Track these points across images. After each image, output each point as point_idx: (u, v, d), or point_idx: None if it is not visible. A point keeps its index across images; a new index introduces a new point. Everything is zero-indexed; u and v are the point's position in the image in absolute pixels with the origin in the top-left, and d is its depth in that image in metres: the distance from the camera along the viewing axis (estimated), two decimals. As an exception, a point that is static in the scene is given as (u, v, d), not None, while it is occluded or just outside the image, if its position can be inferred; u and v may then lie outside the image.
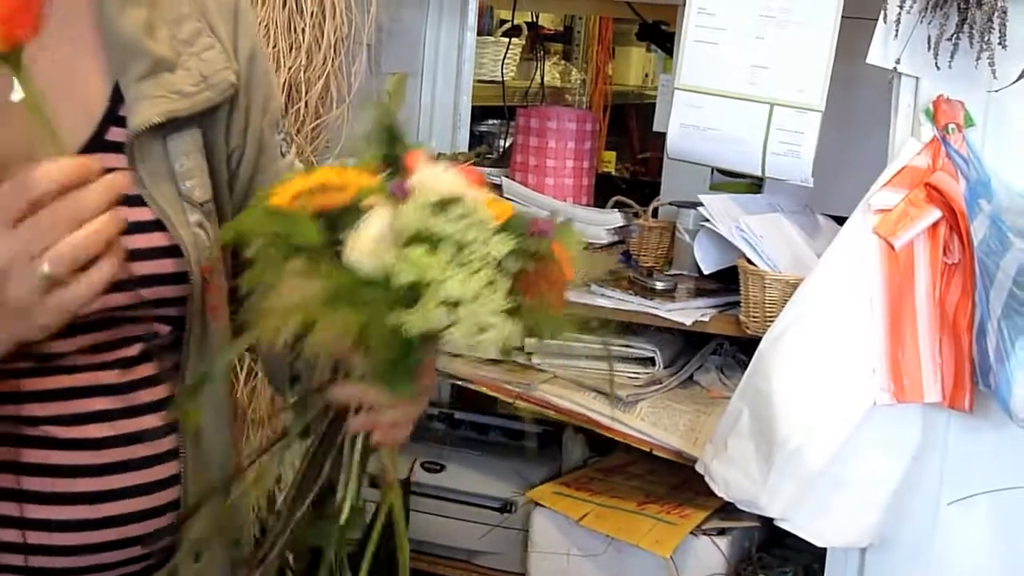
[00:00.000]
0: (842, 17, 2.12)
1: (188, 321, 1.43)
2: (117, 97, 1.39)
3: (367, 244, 1.18)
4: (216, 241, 1.45)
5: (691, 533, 2.33)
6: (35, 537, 1.35)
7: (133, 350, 1.40)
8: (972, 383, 1.95)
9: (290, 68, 2.38)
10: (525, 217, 1.25)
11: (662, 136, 2.32)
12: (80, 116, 1.37)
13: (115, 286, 1.28)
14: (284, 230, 1.19)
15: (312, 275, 1.19)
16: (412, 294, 1.16)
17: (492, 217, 1.22)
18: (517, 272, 1.21)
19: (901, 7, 1.93)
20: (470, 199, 1.22)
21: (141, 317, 1.39)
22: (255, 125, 1.53)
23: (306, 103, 2.41)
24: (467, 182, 1.26)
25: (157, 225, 1.38)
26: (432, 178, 1.23)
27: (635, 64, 5.54)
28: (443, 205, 1.20)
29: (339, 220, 1.20)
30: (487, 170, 2.98)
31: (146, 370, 1.41)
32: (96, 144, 1.37)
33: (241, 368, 2.51)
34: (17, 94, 1.30)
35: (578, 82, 5.12)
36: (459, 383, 2.56)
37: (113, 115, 1.39)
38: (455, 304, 1.16)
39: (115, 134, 1.38)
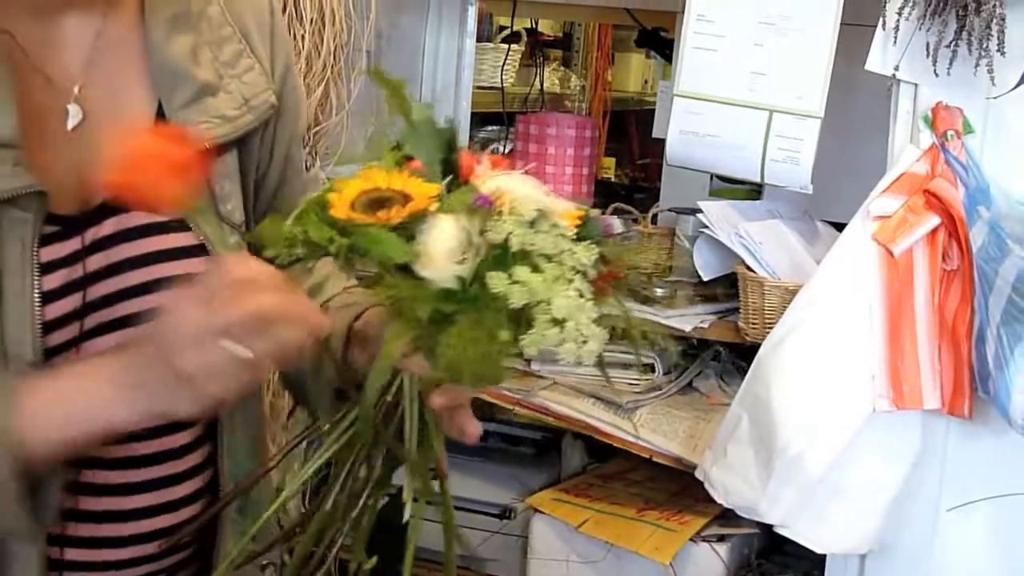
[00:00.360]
0: (841, 24, 2.12)
1: None
2: (162, 121, 1.39)
3: (444, 258, 1.17)
4: None
5: (691, 540, 2.33)
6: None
7: None
8: (971, 390, 1.95)
9: (290, 75, 2.38)
10: (595, 219, 1.25)
11: (661, 142, 2.32)
12: None
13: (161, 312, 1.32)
14: (362, 244, 1.17)
15: (406, 296, 1.18)
16: (518, 311, 1.16)
17: (569, 223, 1.22)
18: (595, 277, 1.21)
19: (900, 14, 1.94)
20: (550, 206, 1.22)
21: None
22: (283, 141, 1.53)
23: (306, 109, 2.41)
24: (537, 185, 1.24)
25: (200, 250, 1.39)
26: (512, 187, 1.21)
27: (635, 70, 5.54)
28: (537, 218, 1.19)
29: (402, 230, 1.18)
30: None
31: None
32: None
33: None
34: (73, 120, 1.33)
35: (577, 88, 5.12)
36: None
37: None
38: (562, 321, 1.16)
39: None
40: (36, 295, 1.27)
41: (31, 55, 1.33)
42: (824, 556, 2.14)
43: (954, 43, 1.90)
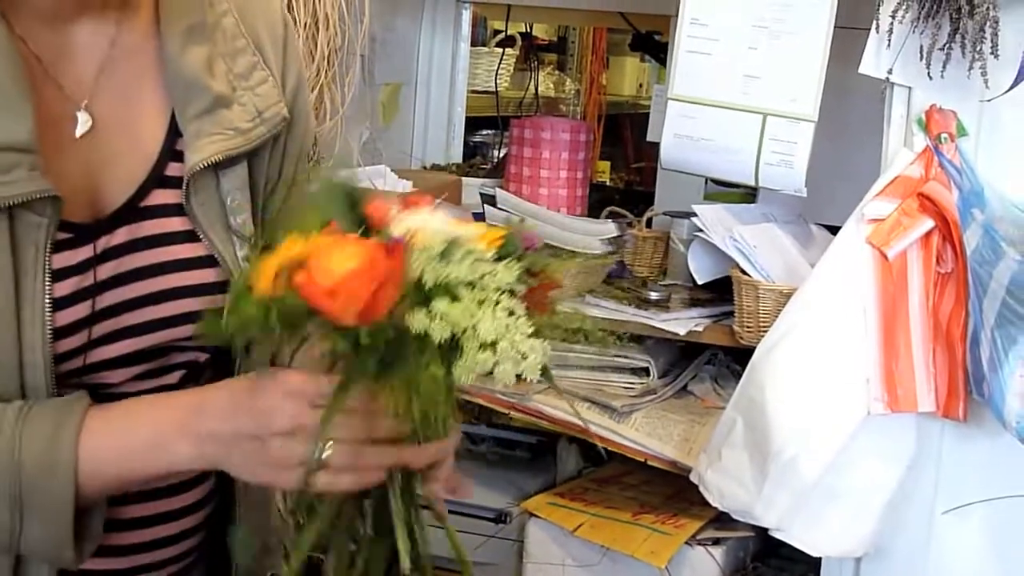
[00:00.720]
0: (835, 27, 2.12)
1: (237, 353, 1.43)
2: (173, 132, 1.40)
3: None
4: None
5: (686, 543, 2.33)
6: None
7: (173, 378, 1.43)
8: (966, 392, 1.95)
9: (283, 79, 2.38)
10: (515, 235, 1.26)
11: (656, 146, 2.32)
12: (140, 151, 1.39)
13: (170, 322, 1.35)
14: (289, 321, 1.18)
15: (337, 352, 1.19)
16: (447, 344, 1.17)
17: (486, 246, 1.22)
18: (525, 292, 1.22)
19: (893, 17, 1.94)
20: (463, 234, 1.23)
21: (185, 348, 1.42)
22: (292, 157, 1.53)
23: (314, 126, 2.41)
24: (446, 216, 1.26)
25: (210, 260, 1.40)
26: (420, 224, 1.22)
27: (629, 74, 5.55)
28: (447, 249, 1.20)
29: None
30: (482, 181, 2.98)
31: None
32: (155, 180, 1.39)
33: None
34: (82, 128, 1.34)
35: (572, 92, 5.13)
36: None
37: (170, 150, 1.40)
38: (493, 343, 1.17)
39: (173, 169, 1.39)
40: (47, 301, 1.28)
41: (44, 62, 1.33)
42: (820, 559, 2.14)
43: (947, 46, 1.90)
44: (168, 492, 1.43)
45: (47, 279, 1.28)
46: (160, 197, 1.38)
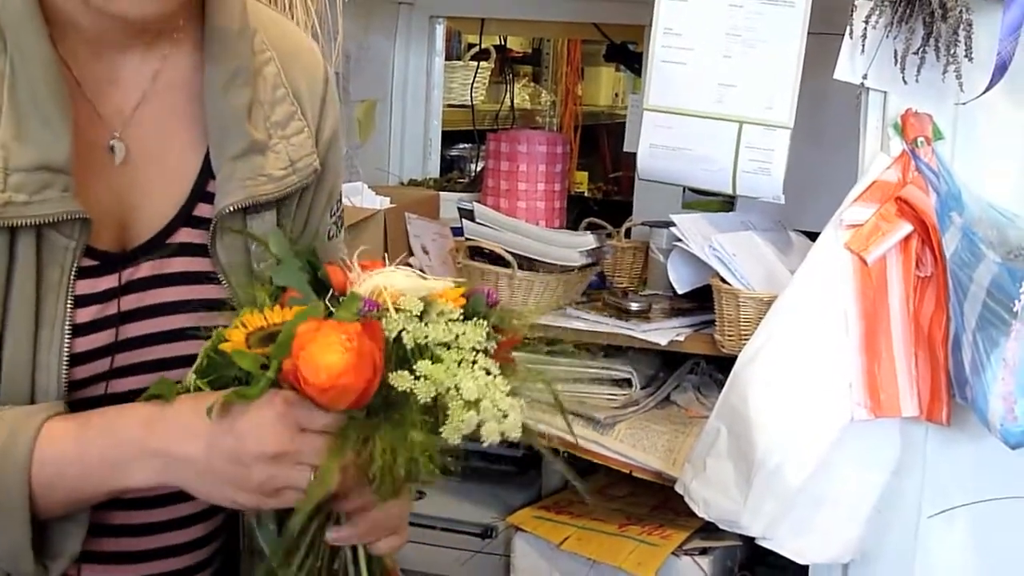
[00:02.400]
0: (808, 33, 2.12)
1: None
2: (206, 172, 1.39)
3: None
4: None
5: (673, 554, 2.33)
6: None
7: None
8: (949, 396, 1.95)
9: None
10: (478, 293, 1.27)
11: (634, 155, 2.31)
12: (171, 187, 1.39)
13: (186, 361, 1.33)
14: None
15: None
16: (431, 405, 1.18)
17: (452, 304, 1.24)
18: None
19: (867, 22, 1.94)
20: (432, 290, 1.24)
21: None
22: (318, 209, 1.53)
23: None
24: (407, 272, 1.27)
25: (223, 304, 1.37)
26: (388, 282, 1.23)
27: (605, 84, 5.55)
28: (425, 311, 1.21)
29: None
30: (459, 195, 2.98)
31: None
32: (183, 218, 1.38)
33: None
34: (118, 157, 1.34)
35: (548, 104, 5.13)
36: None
37: (202, 190, 1.39)
38: (476, 402, 1.18)
39: (202, 210, 1.39)
40: (67, 325, 1.28)
41: (84, 88, 1.33)
42: (807, 566, 2.14)
43: (922, 50, 1.91)
44: (173, 526, 1.42)
45: (69, 303, 1.28)
46: (187, 236, 1.38)
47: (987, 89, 1.90)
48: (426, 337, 1.19)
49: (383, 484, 1.19)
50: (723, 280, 2.25)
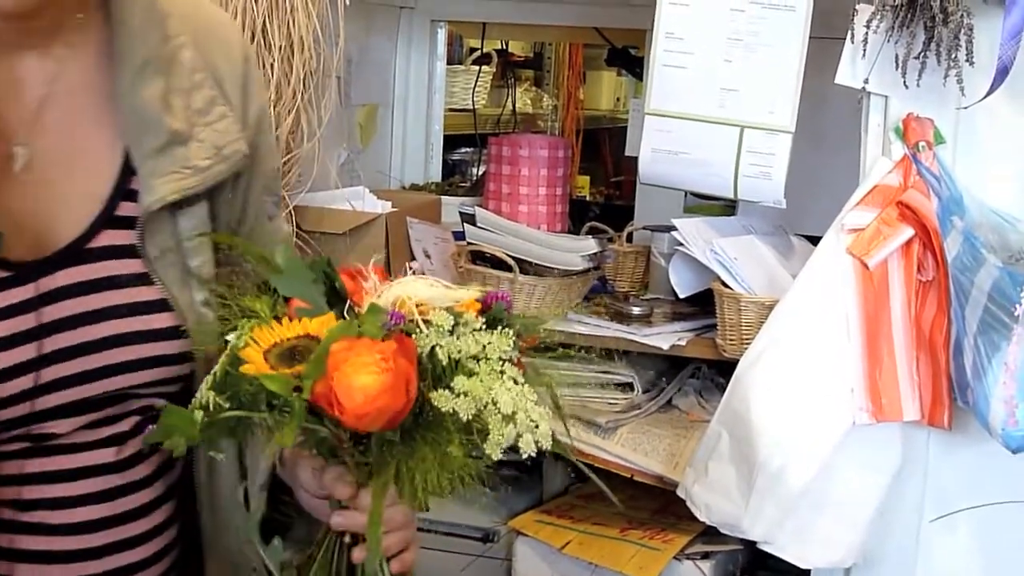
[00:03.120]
0: (810, 37, 2.12)
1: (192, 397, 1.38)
2: (127, 170, 1.35)
3: None
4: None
5: (675, 558, 2.33)
6: None
7: (127, 425, 1.38)
8: (950, 400, 1.94)
9: (259, 103, 2.37)
10: (496, 300, 1.25)
11: (635, 159, 2.31)
12: (87, 189, 1.34)
13: (121, 368, 1.30)
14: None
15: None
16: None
17: (474, 313, 1.21)
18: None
19: (868, 27, 1.94)
20: (455, 299, 1.22)
21: (140, 395, 1.37)
22: (255, 191, 1.49)
23: (277, 137, 2.39)
24: (427, 281, 1.24)
25: (162, 305, 1.35)
26: (409, 291, 1.21)
27: (606, 88, 5.55)
28: (456, 325, 1.19)
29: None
30: (461, 200, 2.98)
31: (139, 444, 1.38)
32: (105, 220, 1.34)
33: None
34: (19, 163, 1.30)
35: (550, 108, 5.13)
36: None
37: (124, 189, 1.35)
38: (512, 415, 1.16)
39: (125, 209, 1.35)
40: None
41: None
42: (808, 571, 2.14)
43: (923, 54, 1.91)
44: (124, 546, 1.39)
45: None
46: (110, 238, 1.33)
47: (988, 93, 1.89)
48: (459, 351, 1.17)
49: (419, 499, 1.19)
50: (724, 284, 2.25)
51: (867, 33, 1.94)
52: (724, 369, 2.38)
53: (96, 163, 1.35)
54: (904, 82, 1.93)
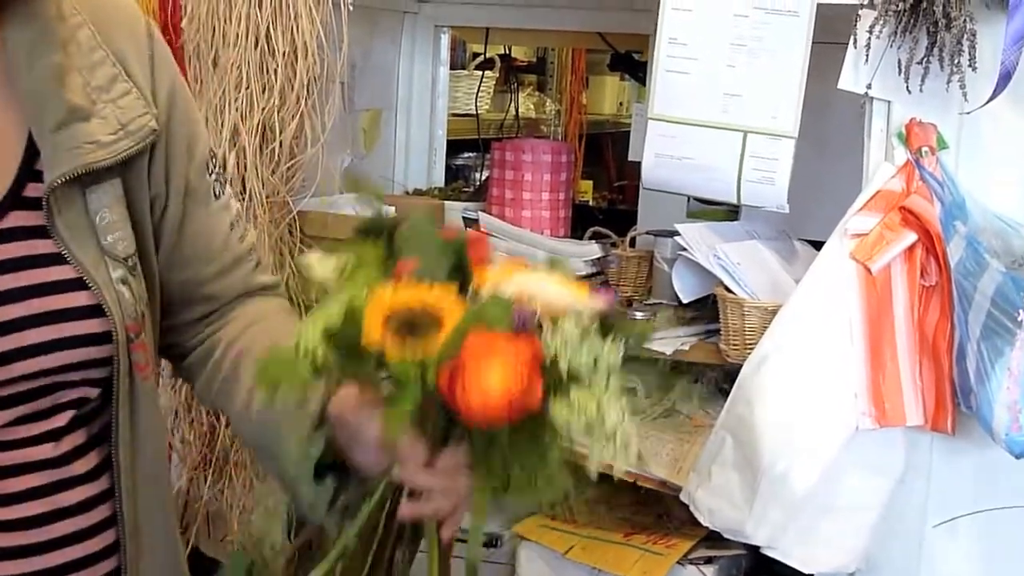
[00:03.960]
0: (813, 43, 2.12)
1: (116, 381, 1.37)
2: (33, 150, 1.33)
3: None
4: (141, 297, 1.40)
5: (678, 563, 2.32)
6: None
7: (63, 419, 1.36)
8: (954, 405, 1.95)
9: (263, 109, 2.37)
10: (615, 307, 1.21)
11: (638, 164, 2.31)
12: None
13: (38, 349, 1.27)
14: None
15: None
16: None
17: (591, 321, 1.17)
18: None
19: (871, 32, 1.94)
20: (575, 302, 1.18)
21: (68, 383, 1.35)
22: (178, 170, 1.46)
23: (280, 143, 2.40)
24: (561, 282, 1.20)
25: (79, 284, 1.33)
26: (535, 288, 1.17)
27: (610, 93, 5.54)
28: (584, 333, 1.15)
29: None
30: (464, 204, 2.98)
31: (78, 438, 1.37)
32: (12, 201, 1.32)
33: (215, 414, 2.49)
34: None
35: (553, 113, 5.12)
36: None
37: (30, 169, 1.33)
38: (614, 433, 1.14)
39: (32, 189, 1.33)
40: None
41: None
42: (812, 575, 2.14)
43: (926, 59, 1.91)
44: (77, 566, 1.38)
45: None
46: (18, 219, 1.31)
47: (991, 98, 1.90)
48: (580, 363, 1.14)
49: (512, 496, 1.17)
50: (728, 289, 2.25)
51: (870, 38, 1.95)
52: (727, 374, 2.38)
53: (1, 145, 1.33)
54: (907, 87, 1.93)
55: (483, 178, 3.80)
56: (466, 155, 4.23)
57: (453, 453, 1.23)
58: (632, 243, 2.77)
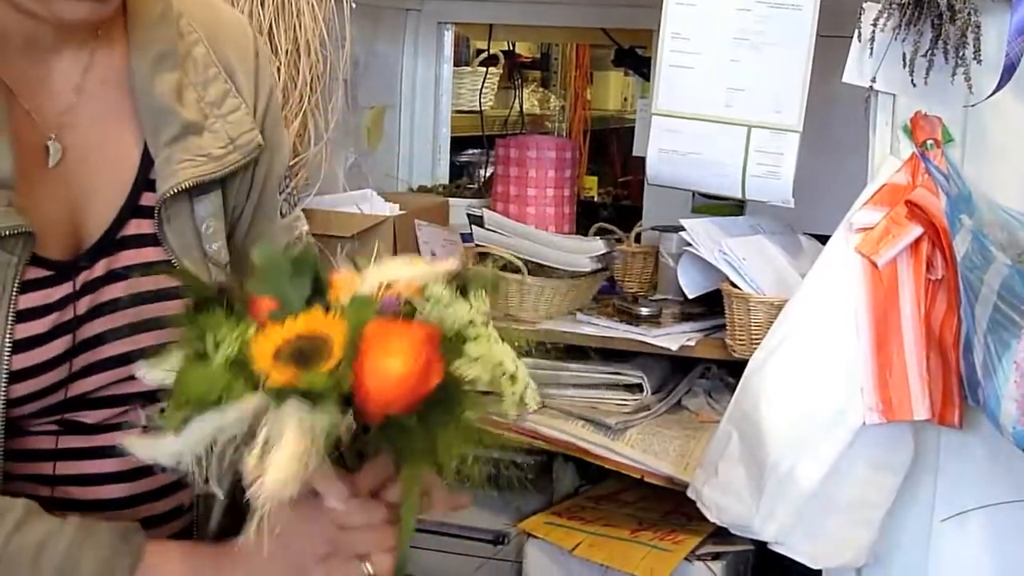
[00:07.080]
0: (817, 36, 2.12)
1: None
2: (147, 161, 1.39)
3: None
4: None
5: (685, 559, 2.33)
6: None
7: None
8: (961, 399, 1.94)
9: (267, 107, 2.37)
10: (468, 267, 1.24)
11: (643, 159, 2.31)
12: (114, 181, 1.38)
13: (143, 354, 1.28)
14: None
15: None
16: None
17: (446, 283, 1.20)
18: None
19: (875, 25, 1.94)
20: (438, 273, 1.20)
21: None
22: (259, 181, 1.52)
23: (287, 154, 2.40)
24: (405, 262, 1.22)
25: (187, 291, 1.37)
26: (394, 274, 1.19)
27: (614, 88, 5.54)
28: (451, 293, 1.18)
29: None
30: (469, 201, 2.98)
31: None
32: (130, 210, 1.37)
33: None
34: (54, 158, 1.32)
35: (557, 108, 5.12)
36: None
37: (144, 179, 1.39)
38: (515, 373, 1.17)
39: (147, 199, 1.38)
40: (7, 343, 1.26)
41: (19, 93, 1.32)
42: (819, 571, 2.13)
43: (930, 52, 1.90)
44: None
45: (10, 321, 1.26)
46: (136, 227, 1.38)
47: (996, 91, 1.89)
48: (469, 323, 1.16)
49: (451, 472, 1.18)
50: (733, 284, 2.25)
51: (874, 31, 1.94)
52: (733, 369, 2.38)
53: (121, 155, 1.39)
54: (912, 80, 1.93)
55: (487, 175, 3.81)
56: (470, 152, 4.22)
57: (374, 467, 1.23)
58: (637, 239, 2.77)
